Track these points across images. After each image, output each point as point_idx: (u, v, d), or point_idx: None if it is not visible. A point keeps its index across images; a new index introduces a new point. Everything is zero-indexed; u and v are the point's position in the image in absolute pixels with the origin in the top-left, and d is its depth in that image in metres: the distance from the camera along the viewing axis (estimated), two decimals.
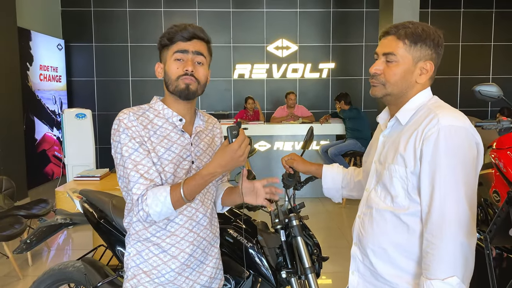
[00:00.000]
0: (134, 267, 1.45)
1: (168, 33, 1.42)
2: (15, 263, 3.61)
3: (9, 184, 4.15)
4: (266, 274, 1.95)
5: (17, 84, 5.67)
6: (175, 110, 1.46)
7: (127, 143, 1.36)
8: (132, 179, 1.33)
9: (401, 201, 1.26)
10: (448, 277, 1.13)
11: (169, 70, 1.43)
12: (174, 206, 1.31)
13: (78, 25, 7.54)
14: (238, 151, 1.29)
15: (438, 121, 1.18)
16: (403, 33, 1.27)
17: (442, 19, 7.83)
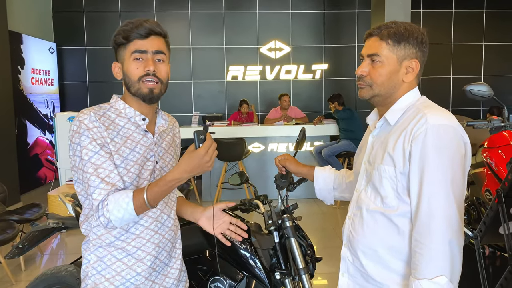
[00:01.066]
0: (96, 274, 1.36)
1: (124, 30, 1.34)
2: (8, 268, 3.58)
3: (1, 189, 4.11)
4: (260, 276, 1.94)
5: (8, 88, 5.63)
6: (137, 109, 1.40)
7: (87, 145, 1.28)
8: (92, 184, 1.26)
9: (391, 201, 1.26)
10: (436, 277, 1.13)
11: (129, 71, 1.35)
12: (137, 212, 1.25)
13: (70, 28, 7.50)
14: (205, 157, 1.23)
15: (426, 120, 1.18)
16: (386, 34, 1.27)
17: (433, 20, 7.88)
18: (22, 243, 2.35)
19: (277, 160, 1.86)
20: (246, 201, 2.16)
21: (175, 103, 7.72)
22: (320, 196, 1.77)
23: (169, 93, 7.67)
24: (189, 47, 7.65)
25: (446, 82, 8.05)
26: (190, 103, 7.77)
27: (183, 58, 7.66)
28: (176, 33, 7.63)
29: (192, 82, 7.73)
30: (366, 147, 1.40)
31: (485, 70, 8.01)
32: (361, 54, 1.35)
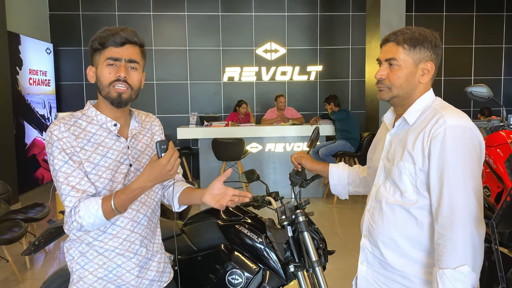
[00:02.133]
0: (80, 269, 1.44)
1: (100, 37, 1.39)
2: (15, 267, 3.62)
3: (5, 189, 4.14)
4: (275, 268, 2.03)
5: (7, 89, 5.64)
6: (109, 115, 1.44)
7: (57, 155, 1.34)
8: (63, 192, 1.33)
9: (410, 195, 1.34)
10: (459, 266, 1.21)
11: (101, 75, 1.40)
12: (106, 218, 1.31)
13: (67, 29, 7.51)
14: (167, 166, 1.26)
15: (445, 121, 1.27)
16: (402, 39, 1.36)
17: (425, 22, 8.06)
18: (39, 240, 2.41)
19: (293, 157, 1.94)
20: (259, 198, 2.25)
21: (171, 104, 7.77)
22: (335, 191, 1.86)
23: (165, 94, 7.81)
24: (185, 48, 7.72)
25: (438, 83, 8.23)
26: (187, 104, 7.83)
27: (179, 59, 7.72)
28: (172, 34, 7.69)
29: (189, 83, 7.80)
30: (384, 145, 1.48)
31: (475, 72, 8.21)
32: (378, 59, 1.44)
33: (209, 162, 6.24)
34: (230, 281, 2.03)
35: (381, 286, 1.45)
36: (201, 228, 2.19)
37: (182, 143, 7.45)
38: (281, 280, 2.04)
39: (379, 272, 1.45)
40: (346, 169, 1.83)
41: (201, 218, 2.23)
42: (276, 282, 2.04)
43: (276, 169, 6.31)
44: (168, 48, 7.70)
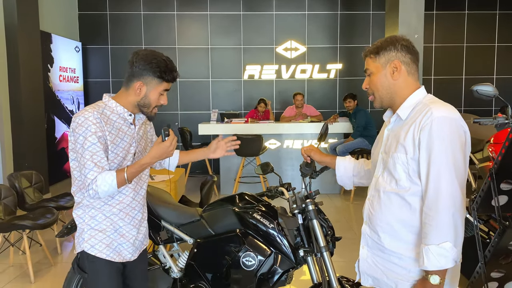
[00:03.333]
0: (90, 229, 1.81)
1: (163, 70, 1.77)
2: (47, 251, 3.89)
3: (38, 179, 4.43)
4: (286, 252, 2.20)
5: (40, 85, 5.96)
6: (125, 107, 1.82)
7: (88, 137, 1.68)
8: (87, 167, 1.67)
9: (404, 183, 1.49)
10: (442, 242, 1.36)
11: (152, 98, 1.81)
12: (118, 186, 1.69)
13: (95, 28, 7.82)
14: (169, 147, 1.71)
15: (432, 113, 1.41)
16: (368, 51, 1.60)
17: (446, 21, 8.04)
18: (71, 224, 2.63)
19: (303, 150, 2.09)
20: (272, 188, 2.41)
21: (193, 101, 8.00)
22: (341, 182, 1.99)
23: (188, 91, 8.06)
24: (207, 47, 7.93)
25: (459, 82, 8.20)
26: (208, 101, 8.04)
27: (201, 58, 7.94)
28: (195, 33, 7.91)
29: (210, 80, 8.00)
30: (383, 140, 1.64)
31: (497, 71, 8.14)
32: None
33: (229, 158, 6.43)
34: (244, 263, 2.21)
35: (379, 267, 1.59)
36: (218, 214, 2.37)
37: (200, 139, 7.67)
38: (291, 263, 2.20)
39: (378, 254, 1.59)
40: (352, 162, 1.96)
41: (218, 205, 2.41)
42: (287, 265, 2.20)
43: (294, 165, 6.45)
44: (190, 47, 7.93)
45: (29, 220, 3.58)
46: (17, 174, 4.21)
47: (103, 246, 1.81)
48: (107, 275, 1.82)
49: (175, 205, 2.56)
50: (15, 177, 4.14)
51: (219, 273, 2.27)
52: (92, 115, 1.70)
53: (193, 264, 2.34)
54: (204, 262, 2.33)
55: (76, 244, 1.85)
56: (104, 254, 1.81)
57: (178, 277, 2.41)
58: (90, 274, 1.82)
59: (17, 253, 4.07)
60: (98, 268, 1.81)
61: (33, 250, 4.09)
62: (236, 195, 2.44)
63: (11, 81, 5.44)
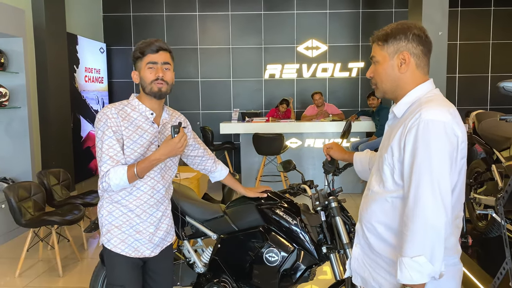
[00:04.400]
0: (108, 224, 1.87)
1: (140, 48, 1.82)
2: (75, 246, 4.00)
3: (65, 176, 4.56)
4: (309, 249, 2.21)
5: (66, 86, 6.11)
6: (147, 106, 1.87)
7: (105, 130, 1.76)
8: (103, 159, 1.75)
9: (389, 185, 1.39)
10: (416, 256, 1.24)
11: (144, 76, 1.82)
12: (129, 180, 1.73)
13: (118, 30, 7.98)
14: (178, 144, 1.72)
15: (420, 115, 1.29)
16: (376, 37, 1.47)
17: (472, 18, 7.88)
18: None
19: (324, 147, 2.09)
20: (295, 186, 2.43)
21: (215, 100, 8.07)
22: (362, 177, 1.95)
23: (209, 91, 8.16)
24: (229, 47, 7.98)
25: (484, 80, 8.02)
26: (229, 100, 8.09)
27: (223, 58, 8.00)
28: (216, 33, 7.97)
29: (231, 80, 8.06)
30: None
31: None
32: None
33: (250, 157, 6.47)
34: (267, 259, 2.23)
35: (367, 267, 1.51)
36: (241, 210, 2.40)
37: (222, 138, 7.72)
38: (314, 259, 2.21)
39: (367, 254, 1.51)
40: (368, 155, 1.90)
41: (241, 202, 2.44)
42: (309, 261, 2.21)
43: (315, 164, 6.44)
44: (212, 47, 8.00)
45: (57, 216, 3.69)
46: (46, 171, 4.34)
47: (118, 241, 1.86)
48: (122, 269, 1.88)
49: (199, 201, 2.60)
50: (44, 174, 4.28)
51: (242, 268, 2.30)
52: (110, 110, 1.79)
53: (217, 259, 2.38)
54: (227, 258, 2.36)
55: (100, 237, 1.95)
56: (119, 249, 1.87)
57: (202, 272, 2.45)
58: (107, 266, 1.92)
59: (46, 248, 4.20)
60: (114, 262, 1.89)
61: (61, 245, 4.21)
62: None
63: (39, 82, 5.61)
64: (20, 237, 4.58)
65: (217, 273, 2.38)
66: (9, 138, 4.98)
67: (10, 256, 4.08)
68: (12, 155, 4.99)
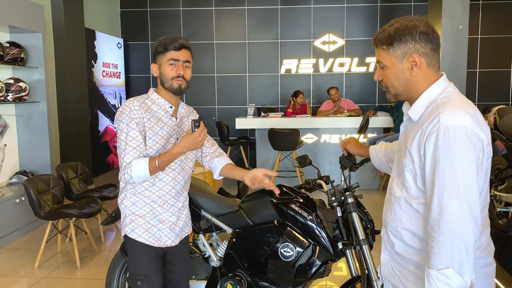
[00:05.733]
0: (131, 214, 1.92)
1: (163, 43, 1.84)
2: (92, 239, 4.06)
3: (83, 170, 4.62)
4: (325, 244, 2.19)
5: (84, 81, 6.19)
6: (166, 100, 1.91)
7: (128, 123, 1.80)
8: (126, 150, 1.79)
9: (413, 192, 1.34)
10: (444, 268, 1.20)
11: (165, 72, 1.86)
12: (150, 173, 1.77)
13: (136, 25, 8.04)
14: (198, 138, 1.74)
15: (439, 120, 1.22)
16: (378, 41, 1.37)
17: (494, 11, 7.68)
18: (115, 212, 2.73)
19: (342, 142, 2.06)
20: (310, 181, 2.41)
21: (230, 95, 8.07)
22: (381, 169, 1.91)
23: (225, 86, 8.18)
24: (245, 42, 7.96)
25: (506, 75, 7.83)
26: (245, 95, 8.08)
27: (239, 53, 7.98)
28: (233, 28, 7.96)
29: (247, 75, 8.04)
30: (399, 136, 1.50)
31: None
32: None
33: (265, 152, 6.46)
34: (283, 253, 2.22)
35: (397, 274, 1.46)
36: (256, 205, 2.39)
37: (240, 133, 7.72)
38: (330, 255, 2.19)
39: (395, 260, 1.46)
40: (382, 148, 1.86)
41: (256, 197, 2.43)
42: (325, 257, 2.20)
43: (331, 160, 6.39)
44: (228, 41, 7.99)
45: (75, 209, 3.75)
46: (64, 165, 4.41)
47: (142, 231, 1.91)
48: (145, 258, 1.91)
49: (215, 195, 2.60)
50: (62, 168, 4.34)
51: (257, 262, 2.30)
52: (132, 103, 1.84)
53: (232, 253, 2.38)
54: (242, 252, 2.36)
55: (122, 228, 1.97)
56: (143, 239, 1.91)
57: (217, 266, 2.45)
58: (130, 256, 1.95)
59: (64, 240, 4.27)
60: (137, 252, 1.92)
61: (79, 238, 4.28)
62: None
63: (58, 77, 5.69)
64: (39, 229, 4.67)
65: (232, 267, 2.38)
66: (28, 132, 5.07)
67: (29, 248, 4.16)
68: (31, 148, 5.08)
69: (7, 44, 4.68)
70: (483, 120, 1.27)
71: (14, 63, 4.70)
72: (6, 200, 4.30)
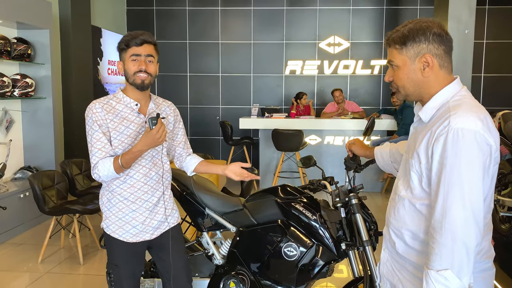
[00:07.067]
0: (106, 211, 1.98)
1: (125, 40, 1.87)
2: (95, 235, 4.08)
3: (87, 166, 4.64)
4: (328, 244, 2.20)
5: (90, 78, 6.22)
6: (132, 97, 1.92)
7: (92, 125, 1.85)
8: (92, 152, 1.85)
9: (418, 193, 1.35)
10: (443, 270, 1.20)
11: (128, 68, 1.87)
12: (116, 171, 1.82)
13: (142, 23, 8.06)
14: (156, 135, 1.76)
15: (449, 123, 1.22)
16: (392, 40, 1.37)
17: (500, 17, 7.67)
18: None
19: (347, 144, 2.08)
20: (315, 181, 2.42)
21: (235, 96, 8.08)
22: (386, 171, 1.92)
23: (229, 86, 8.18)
24: (250, 42, 7.97)
25: (511, 80, 7.82)
26: (249, 96, 8.10)
27: (244, 53, 8.00)
28: (238, 28, 7.97)
29: (252, 75, 8.06)
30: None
31: None
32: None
33: (269, 152, 6.47)
34: (286, 253, 2.23)
35: (396, 273, 1.47)
36: (261, 204, 2.40)
37: (243, 133, 7.73)
38: (333, 256, 2.20)
39: (395, 259, 1.47)
40: (387, 149, 1.86)
41: (261, 196, 2.45)
42: (328, 257, 2.21)
43: (334, 162, 6.40)
44: (233, 42, 8.01)
45: (79, 205, 3.77)
46: (69, 161, 4.43)
47: (116, 228, 1.96)
48: (117, 251, 1.99)
49: (219, 194, 2.62)
50: (67, 164, 4.37)
51: (260, 262, 2.31)
52: (94, 106, 1.88)
53: (235, 252, 2.39)
54: (246, 251, 2.37)
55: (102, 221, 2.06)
56: (117, 235, 1.96)
57: (220, 264, 2.46)
58: (106, 247, 2.04)
59: (67, 236, 4.29)
60: (111, 244, 2.00)
61: (82, 234, 4.30)
62: (278, 187, 2.46)
63: (64, 74, 5.72)
64: (42, 224, 4.70)
65: (235, 266, 2.39)
66: (34, 127, 5.10)
67: (33, 243, 4.19)
68: (36, 144, 5.11)
69: (14, 40, 4.71)
70: (493, 126, 1.27)
71: (21, 59, 4.74)
72: (11, 195, 4.32)
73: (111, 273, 2.00)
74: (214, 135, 8.15)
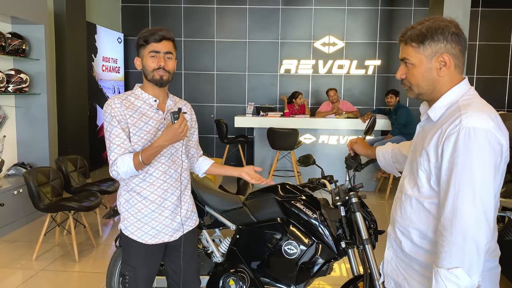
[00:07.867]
0: (124, 212, 1.94)
1: (143, 36, 1.84)
2: (90, 232, 4.05)
3: (82, 163, 4.61)
4: (328, 243, 2.21)
5: (84, 75, 6.17)
6: (151, 93, 1.91)
7: (110, 121, 1.82)
8: (111, 148, 1.81)
9: (426, 191, 1.35)
10: (453, 268, 1.20)
11: (146, 64, 1.85)
12: (136, 168, 1.78)
13: (136, 20, 8.02)
14: (178, 129, 1.74)
15: (461, 121, 1.22)
16: (409, 38, 1.35)
17: (492, 19, 7.76)
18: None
19: (349, 142, 2.09)
20: (314, 180, 2.43)
21: (229, 94, 8.08)
22: (388, 171, 1.93)
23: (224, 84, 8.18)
24: (245, 41, 7.97)
25: (503, 82, 7.92)
26: (244, 94, 8.10)
27: (239, 51, 7.99)
28: (233, 27, 7.96)
29: (247, 74, 8.06)
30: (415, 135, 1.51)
31: None
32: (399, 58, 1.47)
33: (264, 151, 6.48)
34: (286, 251, 2.24)
35: (402, 272, 1.47)
36: (261, 202, 2.41)
37: (238, 132, 7.74)
38: (333, 254, 2.22)
39: (401, 258, 1.47)
40: (390, 149, 1.87)
41: (261, 194, 2.45)
42: (328, 255, 2.22)
43: (329, 161, 6.43)
44: (228, 40, 8.00)
45: (74, 202, 3.74)
46: (64, 158, 4.40)
47: (135, 229, 1.92)
48: (135, 253, 1.94)
49: (219, 191, 2.62)
50: (62, 161, 4.34)
51: (260, 259, 2.32)
52: (113, 101, 1.85)
53: (235, 249, 2.40)
54: (245, 248, 2.38)
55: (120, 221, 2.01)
56: (135, 236, 1.92)
57: (220, 261, 2.47)
58: (123, 248, 2.00)
59: (62, 233, 4.26)
60: (129, 246, 1.95)
61: (77, 231, 4.27)
62: (278, 185, 2.47)
63: (58, 70, 5.67)
64: (37, 221, 4.66)
65: (235, 263, 2.40)
66: (28, 124, 5.05)
67: (27, 240, 4.15)
68: (30, 140, 5.06)
69: (9, 35, 4.66)
70: (503, 125, 1.28)
71: (16, 54, 4.69)
72: (4, 192, 4.28)
73: (126, 275, 1.95)
74: (209, 133, 8.14)
